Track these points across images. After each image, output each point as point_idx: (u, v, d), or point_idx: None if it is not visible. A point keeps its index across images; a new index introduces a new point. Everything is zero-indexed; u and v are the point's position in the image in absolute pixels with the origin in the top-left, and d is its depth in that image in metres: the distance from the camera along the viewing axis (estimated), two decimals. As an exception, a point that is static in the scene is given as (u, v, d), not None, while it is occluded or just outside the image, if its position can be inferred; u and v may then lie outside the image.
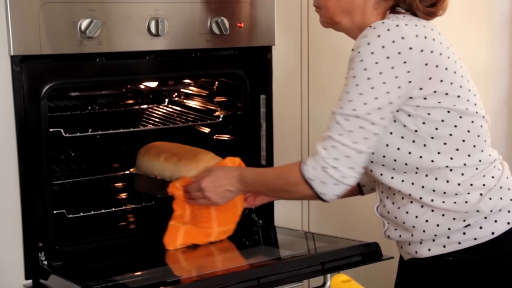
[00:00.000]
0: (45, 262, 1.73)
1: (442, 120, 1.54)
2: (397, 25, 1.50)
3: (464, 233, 1.56)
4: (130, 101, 2.43)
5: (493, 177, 1.58)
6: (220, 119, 2.15)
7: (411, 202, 1.58)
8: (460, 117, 1.55)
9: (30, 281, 1.75)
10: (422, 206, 1.58)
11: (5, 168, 1.70)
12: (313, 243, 1.95)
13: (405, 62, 1.49)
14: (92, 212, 1.96)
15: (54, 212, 1.80)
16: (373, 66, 1.48)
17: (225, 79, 2.15)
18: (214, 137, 2.25)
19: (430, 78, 1.51)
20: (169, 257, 1.85)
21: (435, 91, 1.52)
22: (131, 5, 1.78)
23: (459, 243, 1.56)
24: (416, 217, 1.58)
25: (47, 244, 1.75)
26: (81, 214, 1.94)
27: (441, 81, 1.53)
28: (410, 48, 1.49)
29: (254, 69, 2.04)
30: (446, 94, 1.53)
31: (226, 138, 2.20)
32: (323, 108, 2.25)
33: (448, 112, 1.54)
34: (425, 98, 1.52)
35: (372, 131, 1.50)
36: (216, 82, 2.25)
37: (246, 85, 2.03)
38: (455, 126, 1.55)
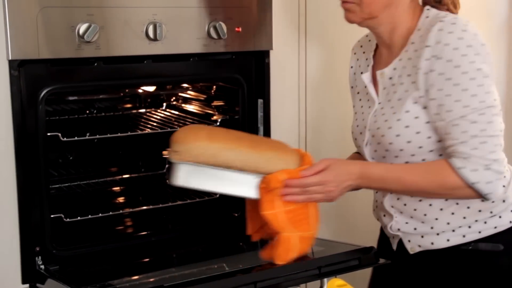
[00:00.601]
0: (42, 266, 1.73)
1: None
2: (467, 20, 1.57)
3: (485, 222, 1.61)
4: (128, 105, 2.44)
5: (507, 170, 1.63)
6: (218, 123, 2.15)
7: None
8: (496, 115, 1.59)
9: (27, 285, 1.75)
10: (446, 200, 1.61)
11: (2, 172, 1.70)
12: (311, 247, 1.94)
13: (488, 54, 1.55)
14: (90, 216, 1.96)
15: (52, 216, 1.80)
16: (477, 58, 1.52)
17: (223, 84, 2.16)
18: (212, 141, 2.25)
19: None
20: (166, 261, 1.85)
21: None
22: (129, 10, 1.79)
23: (479, 232, 1.61)
24: (441, 209, 1.62)
25: (44, 248, 1.75)
26: (79, 218, 1.94)
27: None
28: (484, 42, 1.56)
29: (251, 73, 2.05)
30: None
31: (224, 142, 2.20)
32: (320, 113, 2.25)
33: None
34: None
35: (500, 114, 1.55)
36: (214, 87, 2.25)
37: (243, 90, 2.03)
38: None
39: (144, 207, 2.10)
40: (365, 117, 1.71)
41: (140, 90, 2.34)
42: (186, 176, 1.62)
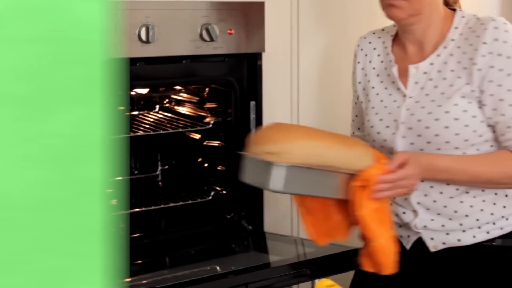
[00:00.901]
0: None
1: None
2: None
3: (507, 219, 1.67)
4: (121, 108, 2.44)
5: None
6: (211, 126, 2.16)
7: (467, 192, 1.65)
8: None
9: (20, 287, 1.75)
10: (474, 197, 1.66)
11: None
12: (303, 249, 1.96)
13: None
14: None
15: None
16: None
17: (216, 86, 2.16)
18: (205, 143, 2.26)
19: None
20: (159, 263, 1.86)
21: None
22: (121, 12, 1.79)
23: (501, 228, 1.67)
24: (471, 206, 1.66)
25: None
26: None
27: None
28: None
29: (244, 75, 2.05)
30: None
31: (217, 144, 2.21)
32: (313, 114, 2.26)
33: None
34: None
35: None
36: (207, 89, 2.26)
37: (236, 92, 2.04)
38: None
39: (137, 209, 2.10)
40: (392, 111, 1.72)
41: (132, 93, 2.35)
42: (288, 180, 1.43)
